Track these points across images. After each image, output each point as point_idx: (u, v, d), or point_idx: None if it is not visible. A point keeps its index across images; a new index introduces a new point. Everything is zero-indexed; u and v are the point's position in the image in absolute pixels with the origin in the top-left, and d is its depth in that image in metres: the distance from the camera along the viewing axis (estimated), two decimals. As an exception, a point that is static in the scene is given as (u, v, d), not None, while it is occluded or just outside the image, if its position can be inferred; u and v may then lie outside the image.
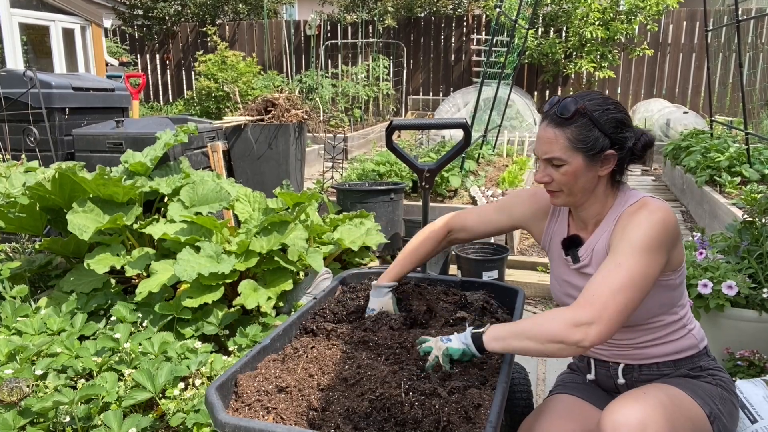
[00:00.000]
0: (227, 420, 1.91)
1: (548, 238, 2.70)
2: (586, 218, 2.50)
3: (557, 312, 2.10)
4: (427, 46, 17.13)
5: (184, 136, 5.15)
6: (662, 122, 12.79)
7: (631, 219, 2.25)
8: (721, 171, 7.84)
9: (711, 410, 2.30)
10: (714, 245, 4.16)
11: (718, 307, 3.63)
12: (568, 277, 2.57)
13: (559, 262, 2.62)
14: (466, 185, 7.48)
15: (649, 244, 2.15)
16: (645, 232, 2.17)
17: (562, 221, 2.64)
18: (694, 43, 15.11)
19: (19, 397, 3.04)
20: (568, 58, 15.05)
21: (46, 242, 4.53)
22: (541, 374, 4.16)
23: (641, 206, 2.29)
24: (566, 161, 2.30)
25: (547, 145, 2.33)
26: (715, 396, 2.37)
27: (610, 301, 2.05)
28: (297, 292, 4.41)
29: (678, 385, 2.35)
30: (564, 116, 2.29)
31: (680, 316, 2.46)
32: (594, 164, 2.33)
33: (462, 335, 2.29)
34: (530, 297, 5.62)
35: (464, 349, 2.25)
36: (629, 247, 2.15)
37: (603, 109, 2.30)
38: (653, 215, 2.21)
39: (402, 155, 4.08)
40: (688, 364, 2.47)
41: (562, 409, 2.51)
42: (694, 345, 2.48)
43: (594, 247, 2.44)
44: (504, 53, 9.53)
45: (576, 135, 2.28)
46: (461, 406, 2.04)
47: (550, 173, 2.37)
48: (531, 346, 2.11)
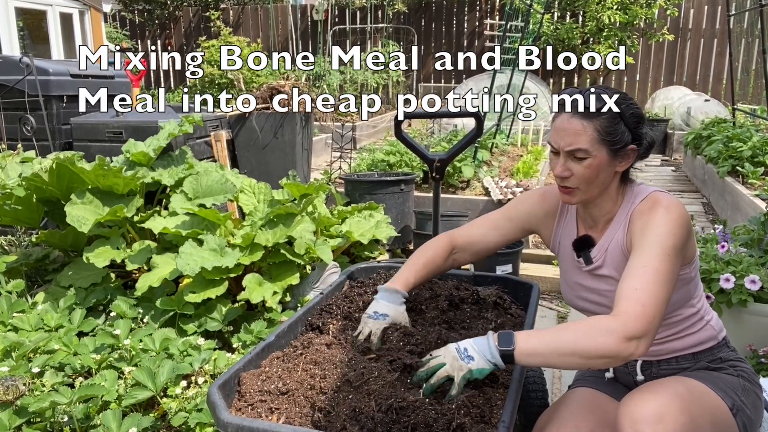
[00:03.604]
0: (230, 420, 1.90)
1: (557, 239, 2.67)
2: (597, 217, 2.49)
3: (601, 324, 2.03)
4: (439, 32, 17.05)
5: (188, 127, 5.13)
6: (683, 110, 12.73)
7: (650, 218, 2.23)
8: (743, 161, 7.79)
9: (733, 402, 2.29)
10: (736, 238, 4.15)
11: (740, 303, 3.61)
12: (581, 280, 2.54)
13: (570, 265, 2.60)
14: (479, 176, 7.46)
15: (675, 244, 2.15)
16: (669, 231, 2.17)
17: (571, 221, 2.62)
18: (715, 28, 14.98)
19: (15, 395, 3.04)
20: (586, 44, 14.98)
21: (44, 235, 4.53)
22: (557, 372, 4.14)
23: (654, 203, 2.27)
24: (591, 154, 2.27)
25: (572, 136, 2.28)
26: (737, 387, 2.36)
27: (657, 311, 2.03)
28: (303, 287, 4.41)
29: (697, 378, 2.35)
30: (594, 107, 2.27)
31: (697, 309, 2.46)
32: (615, 159, 2.31)
33: (485, 350, 2.10)
34: (545, 292, 5.60)
35: (491, 369, 2.10)
36: (659, 250, 2.13)
37: (627, 103, 2.30)
38: (671, 213, 2.21)
39: (412, 145, 4.05)
40: (708, 356, 2.46)
41: (580, 402, 2.50)
42: (713, 336, 2.47)
43: (607, 247, 2.43)
44: (518, 39, 9.50)
45: (605, 127, 2.26)
46: (474, 406, 2.02)
47: (570, 167, 2.32)
48: (575, 362, 2.03)
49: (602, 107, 2.26)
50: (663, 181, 10.13)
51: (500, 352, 2.07)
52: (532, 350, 2.05)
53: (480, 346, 2.12)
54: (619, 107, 2.27)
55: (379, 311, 2.52)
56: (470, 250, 2.77)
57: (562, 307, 5.27)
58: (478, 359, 2.09)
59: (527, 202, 2.74)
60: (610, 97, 2.28)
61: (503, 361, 2.07)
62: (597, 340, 1.98)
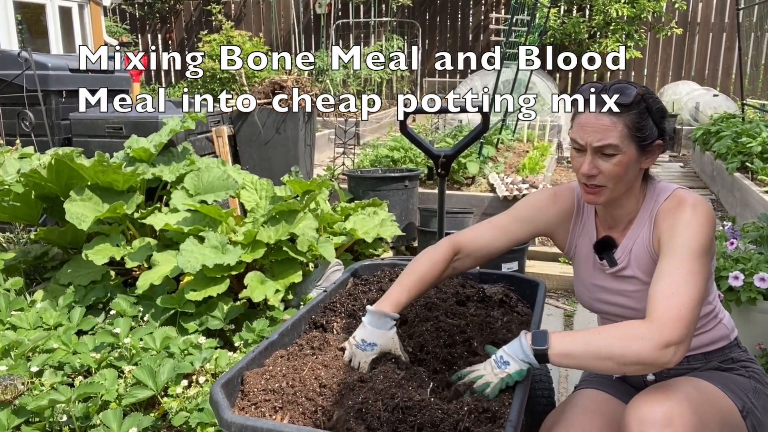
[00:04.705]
0: (233, 419, 1.90)
1: (573, 242, 2.63)
2: (619, 216, 2.45)
3: (637, 330, 2.01)
4: (444, 26, 17.04)
5: (191, 123, 5.10)
6: (691, 106, 12.72)
7: (677, 218, 2.21)
8: (753, 157, 7.77)
9: (744, 404, 2.28)
10: (745, 235, 4.14)
11: (749, 301, 3.61)
12: (602, 282, 2.51)
13: (589, 266, 2.56)
14: (484, 172, 7.46)
15: (704, 244, 2.14)
16: (698, 231, 2.15)
17: (589, 222, 2.58)
18: (724, 22, 14.95)
19: (13, 395, 3.04)
20: (593, 38, 14.95)
21: (42, 232, 4.53)
22: (564, 371, 4.14)
23: (680, 202, 2.25)
24: (621, 150, 2.23)
25: (601, 132, 2.22)
26: (748, 389, 2.34)
27: (693, 315, 2.02)
28: (306, 285, 4.40)
29: (708, 378, 2.33)
30: (624, 103, 2.22)
31: (713, 306, 2.45)
32: (643, 155, 2.29)
33: (518, 352, 2.11)
34: (551, 290, 5.59)
35: (527, 368, 2.11)
36: (690, 251, 2.12)
37: (654, 97, 2.27)
38: (698, 212, 2.19)
39: (417, 140, 4.05)
40: (719, 356, 2.45)
41: (588, 404, 2.48)
42: (725, 335, 2.47)
43: (631, 248, 2.40)
44: (524, 33, 9.49)
45: (635, 123, 2.23)
46: (481, 405, 2.02)
47: (599, 165, 2.26)
48: (609, 367, 2.03)
49: (630, 102, 2.22)
50: (671, 178, 10.10)
51: (534, 352, 2.08)
52: (567, 351, 2.05)
53: (513, 350, 2.13)
54: (646, 102, 2.24)
55: (368, 340, 2.38)
56: (474, 256, 2.65)
57: (568, 305, 5.26)
58: (513, 363, 2.11)
59: (538, 203, 2.66)
60: (636, 91, 2.24)
61: (537, 360, 2.08)
62: (633, 346, 1.97)
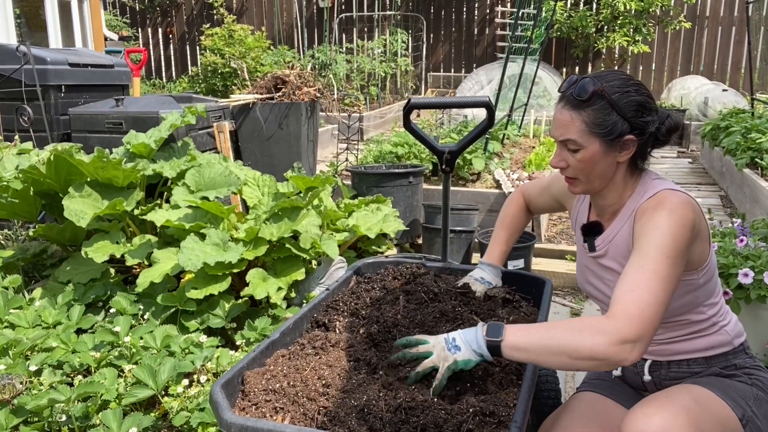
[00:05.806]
0: (233, 420, 1.90)
1: (574, 220, 2.74)
2: (602, 207, 2.51)
3: (594, 324, 2.00)
4: (449, 19, 17.02)
5: (191, 117, 5.11)
6: (700, 100, 12.68)
7: (651, 218, 2.20)
8: (762, 153, 7.74)
9: (743, 412, 2.27)
10: (755, 232, 4.13)
11: (759, 298, 3.60)
12: (588, 264, 2.60)
13: (580, 246, 2.64)
14: (490, 168, 7.44)
15: (676, 246, 2.11)
16: (669, 233, 2.13)
17: (585, 205, 2.68)
18: (733, 15, 14.92)
19: (11, 394, 3.05)
20: (600, 32, 14.90)
21: (41, 229, 4.53)
22: (570, 371, 4.13)
23: (659, 203, 2.24)
24: (582, 146, 2.28)
25: (562, 127, 2.32)
26: (750, 397, 2.33)
27: (654, 314, 1.99)
28: (309, 282, 4.40)
29: (707, 385, 2.33)
30: (581, 98, 2.26)
31: (708, 316, 2.43)
32: (612, 150, 2.30)
33: (472, 340, 2.12)
34: (558, 287, 5.58)
35: (478, 360, 2.12)
36: (658, 251, 2.10)
37: (623, 92, 2.27)
38: (673, 216, 2.16)
39: (421, 136, 4.03)
40: (721, 361, 2.44)
41: (583, 410, 2.50)
42: (727, 342, 2.45)
43: (611, 239, 2.44)
44: (531, 27, 9.47)
45: (593, 118, 2.25)
46: (485, 406, 2.02)
47: (565, 158, 2.36)
48: (563, 362, 1.99)
49: (587, 98, 2.25)
50: (680, 174, 10.08)
51: (487, 343, 2.07)
52: (519, 344, 2.04)
53: (468, 337, 2.13)
54: (612, 96, 2.25)
55: (485, 278, 3.01)
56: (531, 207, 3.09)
57: (575, 303, 5.25)
58: (464, 350, 2.11)
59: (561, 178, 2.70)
60: (609, 84, 2.26)
61: (490, 353, 2.07)
62: (587, 340, 1.94)
